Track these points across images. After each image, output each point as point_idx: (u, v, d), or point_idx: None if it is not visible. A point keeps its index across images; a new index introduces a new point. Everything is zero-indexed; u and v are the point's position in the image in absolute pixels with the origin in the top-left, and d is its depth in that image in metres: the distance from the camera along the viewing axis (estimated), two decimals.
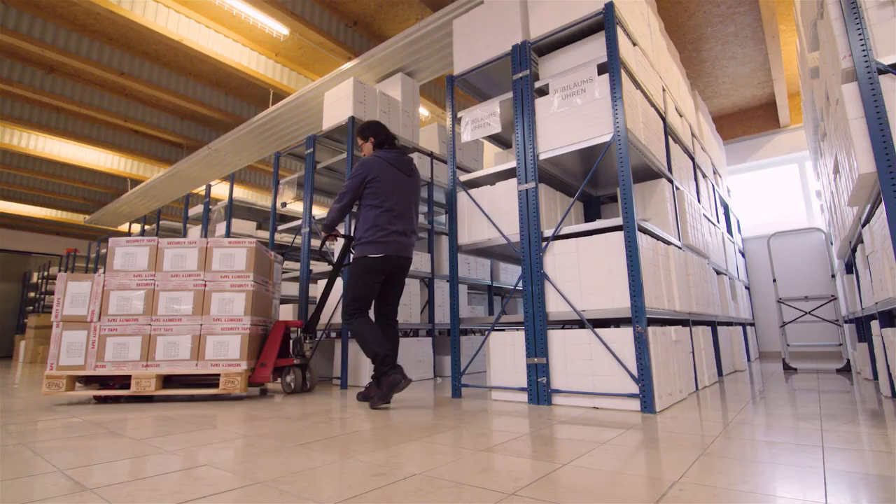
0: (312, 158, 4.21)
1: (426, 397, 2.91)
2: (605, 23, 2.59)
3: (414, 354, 4.03)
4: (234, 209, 5.47)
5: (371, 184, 2.70)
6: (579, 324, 2.62)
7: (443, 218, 5.37)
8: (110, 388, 2.98)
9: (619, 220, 2.41)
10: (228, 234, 5.13)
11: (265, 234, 5.48)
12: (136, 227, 9.54)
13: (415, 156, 4.57)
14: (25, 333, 9.43)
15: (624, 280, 2.34)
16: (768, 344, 5.99)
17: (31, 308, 11.65)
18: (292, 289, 5.82)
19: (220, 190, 9.57)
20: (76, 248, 10.70)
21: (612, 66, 2.51)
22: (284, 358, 3.20)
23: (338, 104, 4.16)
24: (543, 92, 2.90)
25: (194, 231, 5.79)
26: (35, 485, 1.25)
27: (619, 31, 2.60)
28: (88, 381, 3.04)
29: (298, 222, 4.47)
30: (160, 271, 3.01)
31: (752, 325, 5.69)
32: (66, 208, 11.24)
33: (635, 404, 2.22)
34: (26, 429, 2.05)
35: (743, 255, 6.11)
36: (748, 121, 6.70)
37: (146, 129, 7.16)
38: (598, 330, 2.38)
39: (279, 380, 3.24)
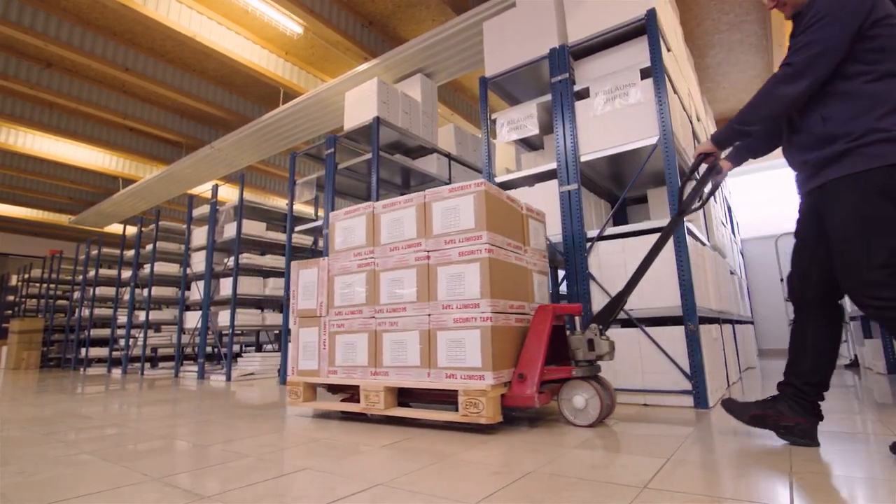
0: (333, 159, 4.17)
1: None
2: (647, 28, 2.66)
3: None
4: (242, 210, 5.37)
5: (878, 28, 1.38)
6: (623, 323, 2.67)
7: None
8: (353, 401, 2.33)
9: (667, 222, 2.47)
10: (239, 235, 5.02)
11: (276, 236, 5.40)
12: (132, 230, 9.26)
13: (433, 157, 4.56)
14: (7, 338, 9.05)
15: (672, 279, 2.40)
16: (767, 342, 6.19)
17: (10, 312, 11.18)
18: None
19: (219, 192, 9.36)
20: (61, 249, 10.29)
21: (656, 71, 2.58)
22: (557, 366, 2.00)
23: (360, 104, 4.14)
24: (580, 95, 2.95)
25: (199, 232, 5.65)
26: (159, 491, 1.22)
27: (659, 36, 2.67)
28: (335, 389, 2.49)
29: (318, 223, 4.43)
30: (378, 245, 2.28)
31: (751, 323, 5.87)
32: (49, 208, 10.85)
33: (687, 400, 2.28)
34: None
35: (742, 256, 6.30)
36: None
37: (145, 126, 6.98)
38: (647, 328, 2.43)
39: (559, 402, 1.99)
